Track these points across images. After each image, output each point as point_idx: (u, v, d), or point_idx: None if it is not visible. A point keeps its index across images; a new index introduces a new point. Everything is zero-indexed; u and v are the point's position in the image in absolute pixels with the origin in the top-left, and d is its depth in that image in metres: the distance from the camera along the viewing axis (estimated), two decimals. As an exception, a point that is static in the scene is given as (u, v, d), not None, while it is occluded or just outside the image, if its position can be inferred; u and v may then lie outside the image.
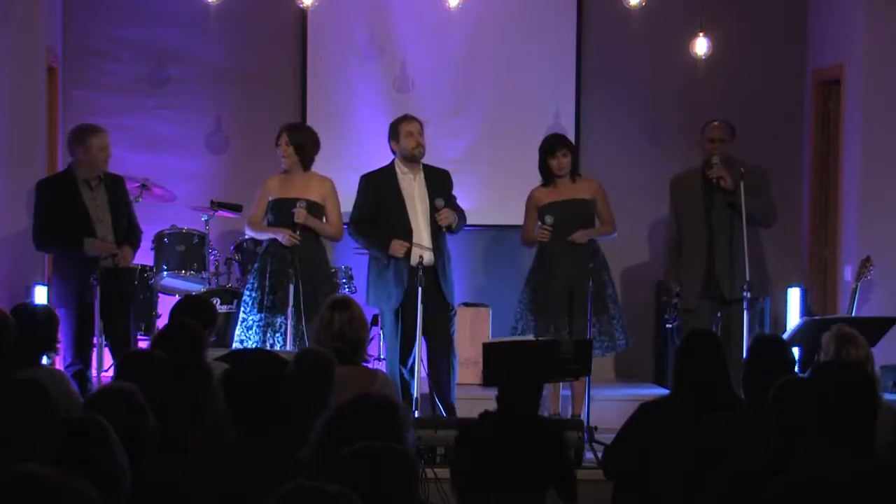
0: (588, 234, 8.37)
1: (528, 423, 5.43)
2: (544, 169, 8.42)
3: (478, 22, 9.83)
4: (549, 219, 8.25)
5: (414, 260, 8.05)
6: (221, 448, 4.25)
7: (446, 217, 8.19)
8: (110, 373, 7.67)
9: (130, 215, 8.27)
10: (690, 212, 8.37)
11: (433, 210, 8.22)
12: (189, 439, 4.18)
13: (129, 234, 8.17)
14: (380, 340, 9.18)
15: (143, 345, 8.63)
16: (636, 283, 9.84)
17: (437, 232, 8.24)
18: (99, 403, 4.01)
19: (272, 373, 4.45)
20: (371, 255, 8.45)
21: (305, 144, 8.29)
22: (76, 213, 7.95)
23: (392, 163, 8.35)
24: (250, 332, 8.20)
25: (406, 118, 8.31)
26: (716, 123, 8.43)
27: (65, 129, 9.68)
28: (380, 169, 8.43)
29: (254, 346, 8.07)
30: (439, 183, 8.34)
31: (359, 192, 8.38)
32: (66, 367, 7.89)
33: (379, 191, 8.28)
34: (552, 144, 8.45)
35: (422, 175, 8.31)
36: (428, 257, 8.14)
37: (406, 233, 8.19)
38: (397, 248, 8.13)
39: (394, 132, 8.28)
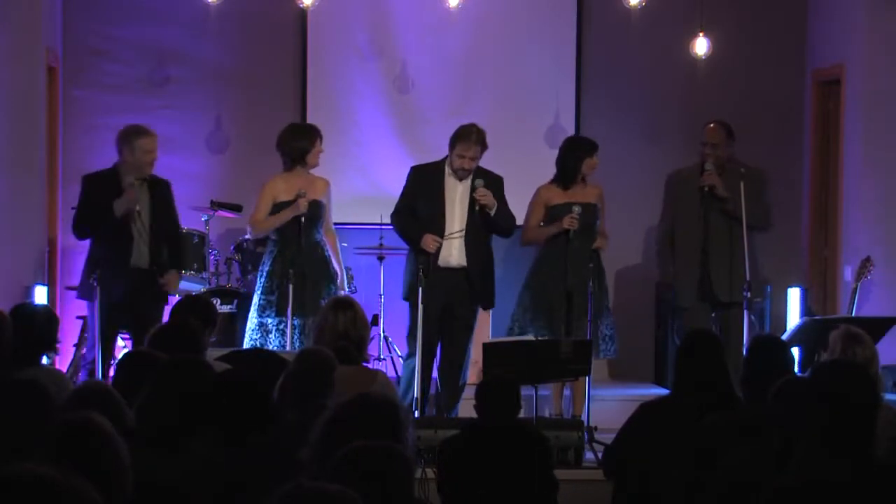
0: (606, 241, 8.39)
1: (506, 432, 5.42)
2: (574, 169, 8.36)
3: (478, 22, 9.83)
4: (577, 208, 8.22)
5: (443, 259, 8.02)
6: (223, 448, 4.24)
7: (484, 195, 8.03)
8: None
9: (173, 221, 8.25)
10: (686, 213, 8.37)
11: (472, 202, 8.09)
12: (192, 439, 4.18)
13: (170, 242, 8.18)
14: (380, 340, 9.18)
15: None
16: (635, 283, 9.84)
17: (476, 237, 8.16)
18: (75, 404, 4.02)
19: (249, 378, 4.43)
20: (409, 249, 8.40)
21: None
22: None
23: (444, 159, 8.25)
24: (269, 336, 8.15)
25: (466, 140, 8.08)
26: (711, 126, 8.43)
27: (65, 129, 9.70)
28: (433, 163, 8.34)
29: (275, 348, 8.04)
30: (489, 189, 8.22)
31: (406, 182, 8.30)
32: (85, 359, 7.93)
33: (423, 185, 8.20)
34: (592, 145, 8.43)
35: (470, 179, 8.20)
36: (458, 258, 8.11)
37: (438, 232, 8.12)
38: (429, 242, 8.06)
39: (452, 143, 8.12)
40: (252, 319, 8.24)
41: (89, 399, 4.07)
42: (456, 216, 8.15)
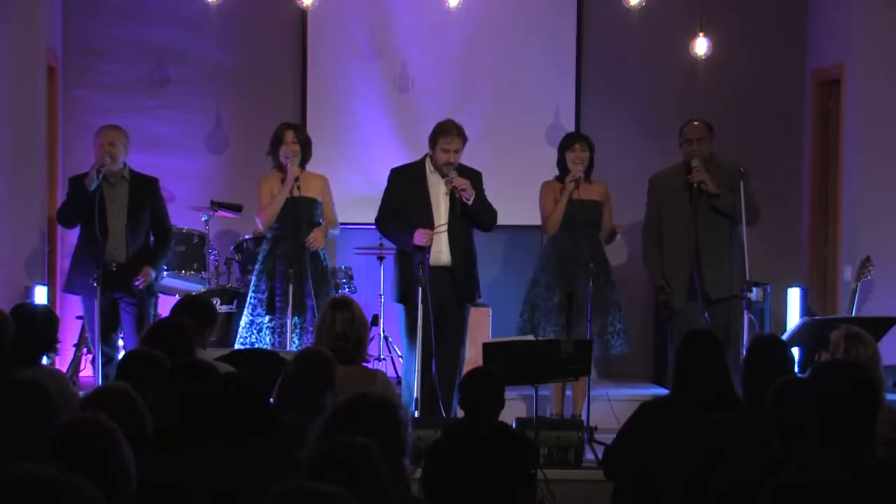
0: (624, 225, 8.41)
1: (490, 433, 5.39)
2: (561, 165, 8.39)
3: (478, 22, 9.84)
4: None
5: (434, 258, 8.01)
6: (223, 449, 4.24)
7: (462, 181, 8.02)
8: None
9: (157, 218, 8.36)
10: (675, 212, 8.33)
11: (453, 201, 8.08)
12: (195, 441, 4.18)
13: (156, 237, 8.33)
14: (380, 340, 9.18)
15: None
16: (635, 282, 9.82)
17: (458, 233, 8.15)
18: (95, 403, 4.01)
19: (245, 383, 4.43)
20: (397, 251, 8.38)
21: (307, 142, 8.28)
22: (93, 202, 8.07)
23: (424, 158, 8.27)
24: (261, 334, 8.16)
25: (447, 133, 8.08)
26: (695, 123, 8.41)
27: (65, 129, 9.70)
28: (410, 164, 8.35)
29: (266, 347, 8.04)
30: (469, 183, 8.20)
31: (387, 186, 8.29)
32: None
33: (405, 186, 8.19)
34: (570, 138, 8.45)
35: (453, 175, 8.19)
36: (446, 256, 8.11)
37: (428, 228, 8.10)
38: (422, 236, 8.06)
39: (433, 139, 8.12)
40: (244, 317, 8.25)
41: (109, 400, 4.06)
42: (441, 212, 8.15)
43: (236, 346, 8.15)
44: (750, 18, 10.06)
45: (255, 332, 8.18)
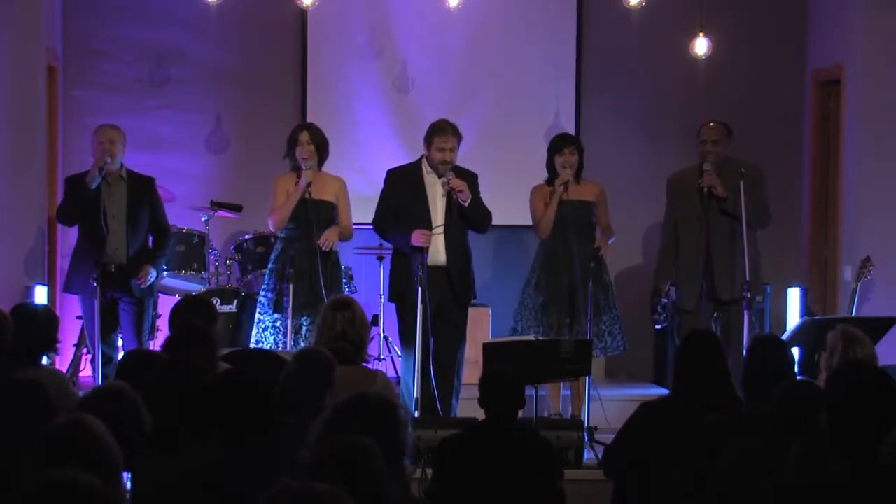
0: (606, 241, 8.38)
1: (510, 436, 5.37)
2: (551, 168, 8.39)
3: (478, 22, 9.83)
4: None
5: (431, 258, 8.00)
6: (223, 449, 4.24)
7: (459, 183, 8.01)
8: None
9: (155, 218, 8.38)
10: (687, 213, 8.36)
11: (450, 203, 8.08)
12: (192, 440, 4.18)
13: (154, 237, 8.35)
14: (379, 340, 9.18)
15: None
16: (635, 282, 9.83)
17: (454, 233, 8.15)
18: (92, 403, 4.02)
19: (249, 378, 4.42)
20: (394, 251, 8.38)
21: (322, 143, 8.26)
22: (93, 202, 8.12)
23: (420, 159, 8.26)
24: (266, 333, 8.17)
25: (442, 132, 8.08)
26: (711, 124, 8.42)
27: (65, 129, 9.70)
28: (407, 165, 8.36)
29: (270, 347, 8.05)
30: (466, 185, 8.20)
31: (383, 188, 8.28)
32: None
33: (402, 187, 8.19)
34: (559, 142, 8.44)
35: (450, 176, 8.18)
36: (442, 258, 8.11)
37: (425, 228, 8.09)
38: (420, 236, 8.04)
39: (429, 139, 8.12)
40: (256, 316, 8.27)
41: (108, 400, 4.07)
42: (438, 213, 8.15)
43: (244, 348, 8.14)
44: (750, 18, 10.06)
45: (261, 330, 8.20)
